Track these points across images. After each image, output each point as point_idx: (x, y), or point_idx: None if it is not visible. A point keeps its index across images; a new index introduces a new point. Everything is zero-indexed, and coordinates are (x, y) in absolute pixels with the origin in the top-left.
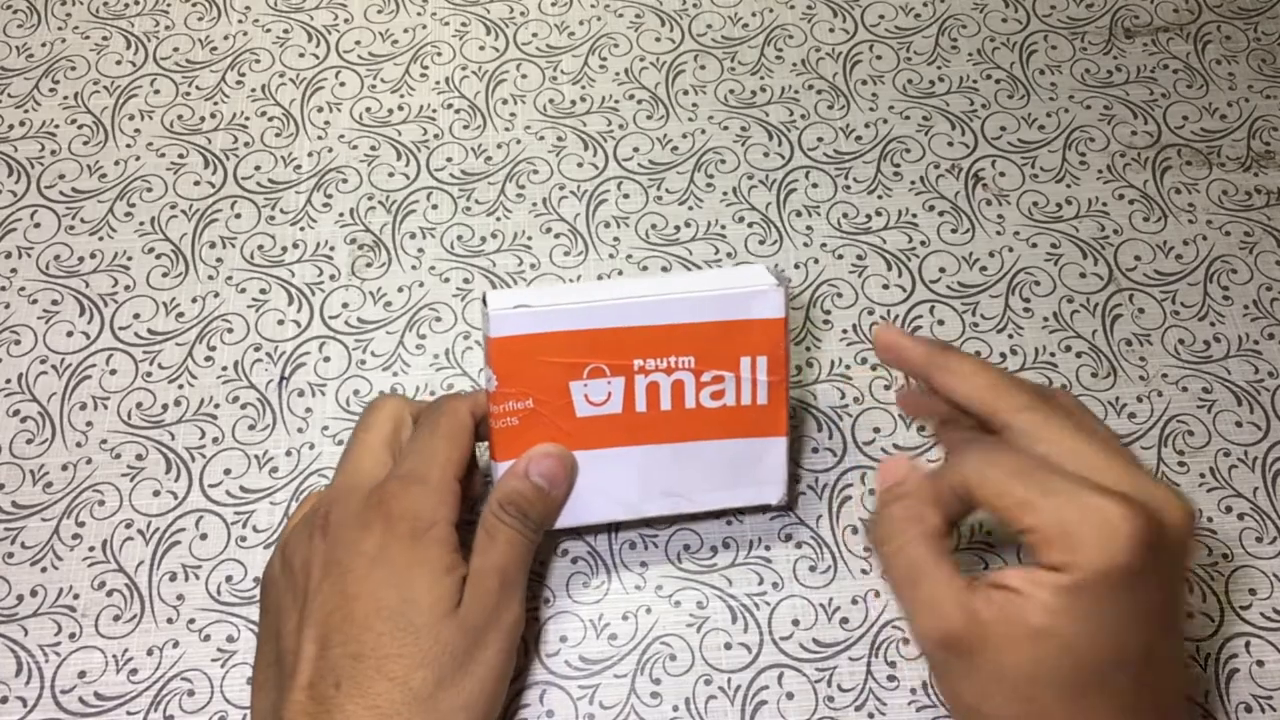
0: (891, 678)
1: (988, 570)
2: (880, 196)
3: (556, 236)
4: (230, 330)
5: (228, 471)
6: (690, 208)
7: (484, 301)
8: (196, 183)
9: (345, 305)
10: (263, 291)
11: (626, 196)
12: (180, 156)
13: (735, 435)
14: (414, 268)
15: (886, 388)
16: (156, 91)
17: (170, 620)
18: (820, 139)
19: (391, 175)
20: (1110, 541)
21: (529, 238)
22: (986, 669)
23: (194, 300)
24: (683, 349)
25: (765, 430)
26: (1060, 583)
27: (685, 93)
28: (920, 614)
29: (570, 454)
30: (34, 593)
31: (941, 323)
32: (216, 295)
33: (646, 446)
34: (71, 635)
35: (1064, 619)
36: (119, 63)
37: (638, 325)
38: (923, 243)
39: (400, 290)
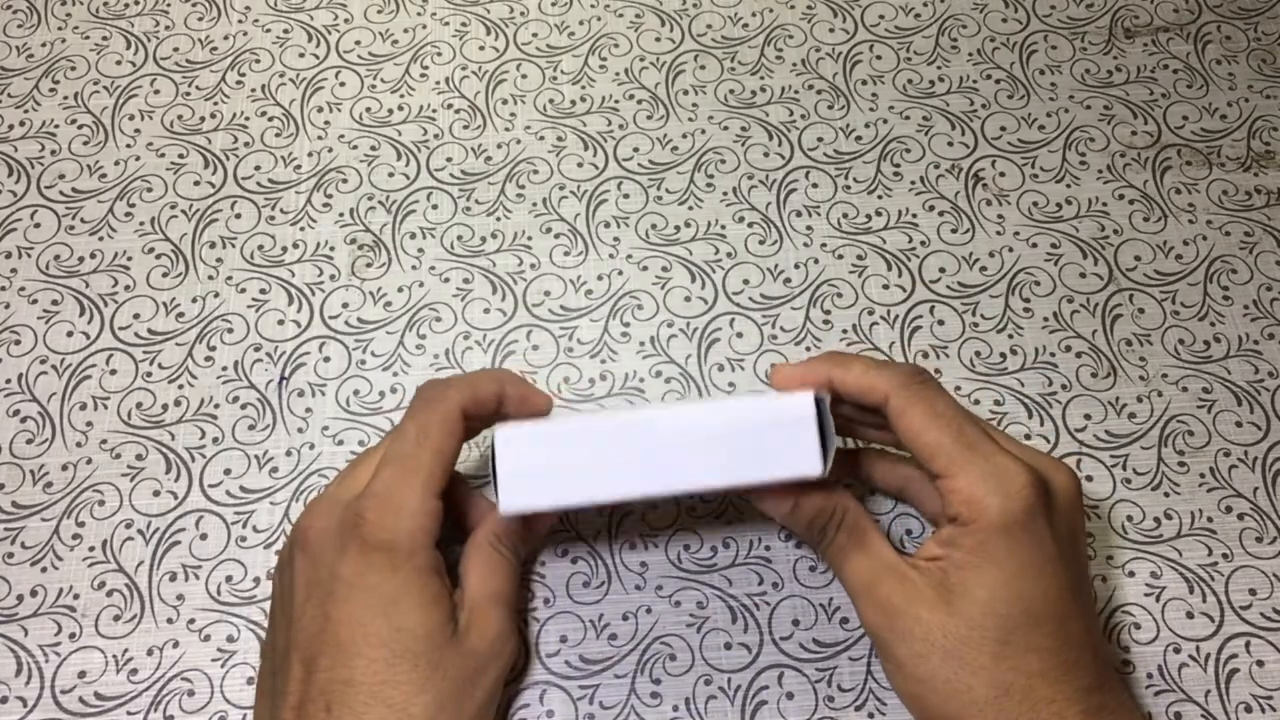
0: None
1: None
2: (880, 196)
3: (556, 236)
4: (230, 330)
5: (228, 471)
6: (690, 208)
7: (492, 468)
8: (196, 183)
9: (345, 305)
10: (263, 291)
11: (626, 196)
12: (180, 156)
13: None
14: (414, 268)
15: None
16: (156, 91)
17: (170, 620)
18: (820, 139)
19: (391, 175)
20: (1009, 498)
21: (529, 238)
22: (919, 635)
23: (194, 300)
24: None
25: None
26: (967, 538)
27: (685, 93)
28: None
29: None
30: (34, 593)
31: (941, 323)
32: (216, 295)
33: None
34: (71, 635)
35: (974, 573)
36: (119, 63)
37: (660, 496)
38: (923, 243)
39: (400, 290)
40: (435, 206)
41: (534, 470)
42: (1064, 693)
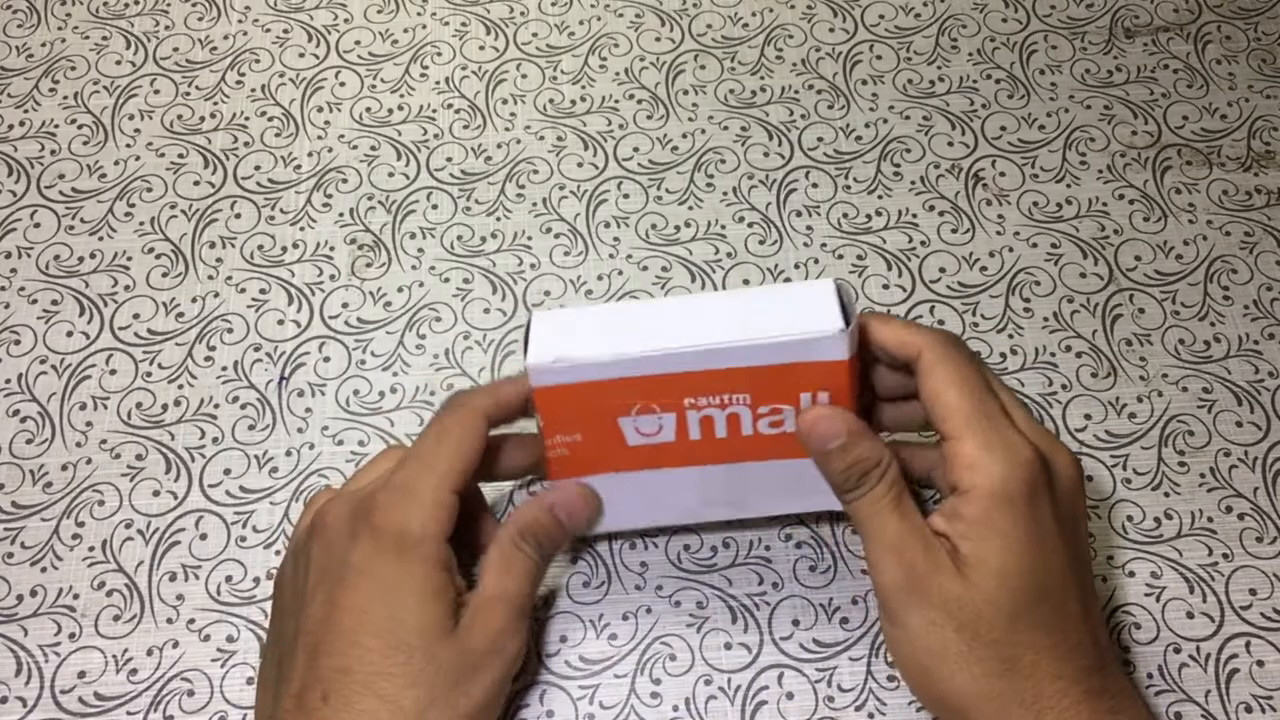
0: (891, 678)
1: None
2: (880, 196)
3: (556, 236)
4: (230, 330)
5: (228, 471)
6: (690, 208)
7: (525, 341)
8: (196, 183)
9: (345, 305)
10: (263, 291)
11: (626, 196)
12: (180, 156)
13: (797, 455)
14: (414, 268)
15: None
16: (156, 91)
17: (170, 620)
18: (820, 139)
19: (391, 175)
20: (1012, 467)
21: (529, 238)
22: (937, 604)
23: (194, 300)
24: (737, 388)
25: None
26: (969, 507)
27: (685, 93)
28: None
29: (594, 492)
30: (34, 593)
31: (942, 322)
32: (216, 295)
33: (704, 466)
34: (71, 635)
35: (981, 544)
36: (119, 63)
37: (686, 372)
38: (923, 243)
39: (400, 290)
40: (435, 206)
41: (566, 335)
42: (1067, 671)
